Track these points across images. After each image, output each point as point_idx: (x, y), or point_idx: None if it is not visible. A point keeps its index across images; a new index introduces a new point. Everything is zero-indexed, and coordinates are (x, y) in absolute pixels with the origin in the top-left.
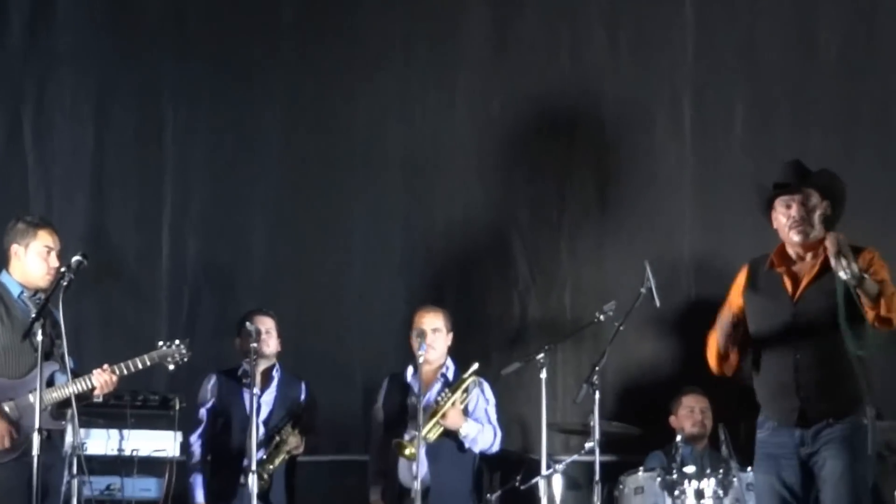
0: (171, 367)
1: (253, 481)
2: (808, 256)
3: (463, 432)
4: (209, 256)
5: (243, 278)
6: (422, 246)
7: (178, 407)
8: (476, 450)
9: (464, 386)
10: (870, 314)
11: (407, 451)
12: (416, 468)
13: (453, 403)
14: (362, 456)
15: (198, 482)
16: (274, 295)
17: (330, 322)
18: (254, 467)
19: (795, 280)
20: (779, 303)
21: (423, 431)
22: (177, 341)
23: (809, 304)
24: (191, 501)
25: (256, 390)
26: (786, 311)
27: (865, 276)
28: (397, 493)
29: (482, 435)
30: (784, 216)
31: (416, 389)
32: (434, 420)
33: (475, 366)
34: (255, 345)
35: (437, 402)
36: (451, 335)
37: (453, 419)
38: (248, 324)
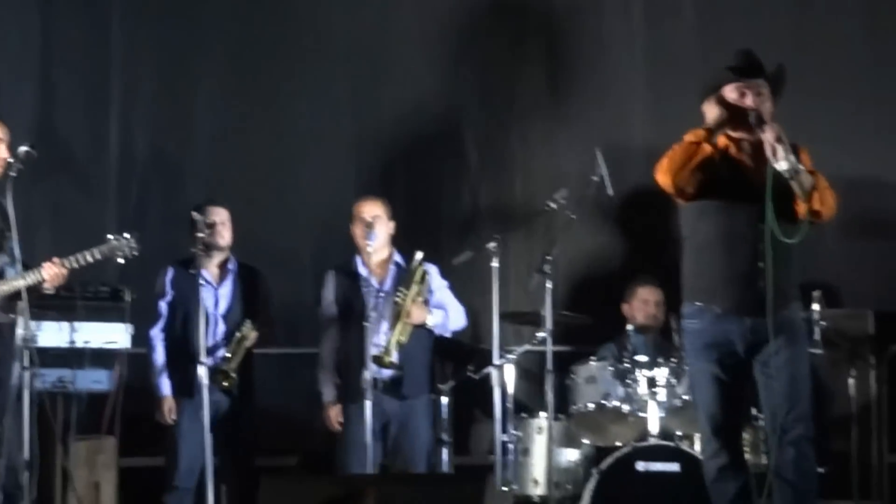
0: (121, 260)
1: (204, 373)
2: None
3: (430, 324)
4: (158, 148)
5: (192, 169)
6: (371, 136)
7: (128, 299)
8: (449, 333)
9: (416, 278)
10: (802, 207)
11: (387, 360)
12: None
13: (413, 300)
14: (312, 349)
15: (163, 376)
16: (222, 185)
17: (278, 212)
18: (203, 357)
19: (753, 167)
20: (741, 182)
21: (394, 337)
22: (126, 235)
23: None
24: (157, 394)
25: (210, 279)
26: (747, 193)
27: (801, 167)
28: (357, 384)
29: (450, 319)
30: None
31: (370, 280)
32: (401, 323)
33: (419, 255)
34: (201, 234)
35: (396, 303)
36: (392, 223)
37: (418, 315)
38: (195, 214)
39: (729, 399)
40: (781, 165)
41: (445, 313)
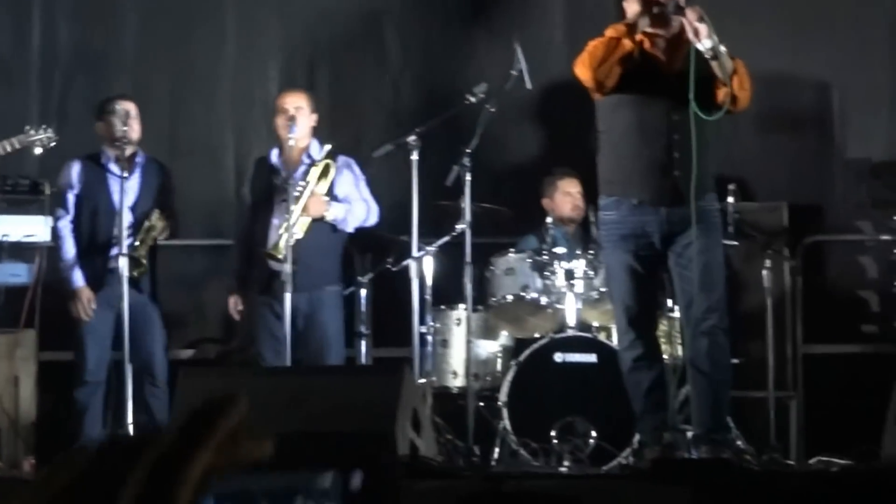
0: (39, 150)
1: (124, 264)
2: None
3: (329, 217)
4: (81, 40)
5: (115, 62)
6: (295, 31)
7: (48, 192)
8: (349, 228)
9: (319, 171)
10: (721, 91)
11: (276, 254)
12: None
13: (312, 193)
14: (232, 241)
15: (74, 266)
16: (146, 78)
17: (203, 105)
18: (125, 250)
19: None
20: (656, 76)
21: (285, 231)
22: (44, 126)
23: (681, 83)
24: (68, 287)
25: (118, 172)
26: (662, 86)
27: (723, 49)
28: (266, 277)
29: (352, 214)
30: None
31: (281, 170)
32: (296, 214)
33: (327, 147)
34: (125, 128)
35: (295, 196)
36: (314, 116)
37: (315, 208)
38: (117, 106)
39: (644, 290)
40: (705, 44)
41: (348, 208)
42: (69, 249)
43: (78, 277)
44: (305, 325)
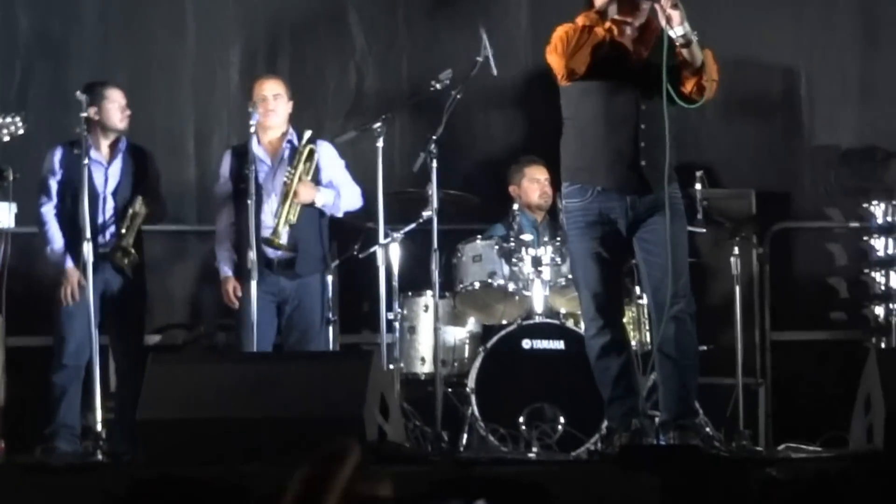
0: (6, 139)
1: (88, 251)
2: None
3: (319, 203)
4: (40, 27)
5: (76, 49)
6: (257, 16)
7: (11, 178)
8: (340, 213)
9: (304, 157)
10: (689, 82)
11: (276, 241)
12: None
13: (300, 178)
14: (196, 226)
15: (63, 251)
16: (107, 65)
17: (163, 91)
18: (88, 235)
19: (635, 50)
20: (624, 64)
21: (282, 217)
22: (12, 114)
23: (647, 73)
24: (59, 267)
25: (100, 159)
26: (629, 75)
27: (695, 37)
28: (256, 262)
29: (341, 199)
30: None
31: (263, 159)
32: (288, 202)
33: (308, 133)
34: (124, 115)
35: (284, 183)
36: (291, 103)
37: (305, 194)
38: (112, 92)
39: (610, 277)
40: (677, 31)
41: (336, 193)
42: (55, 234)
43: (68, 260)
44: (292, 311)
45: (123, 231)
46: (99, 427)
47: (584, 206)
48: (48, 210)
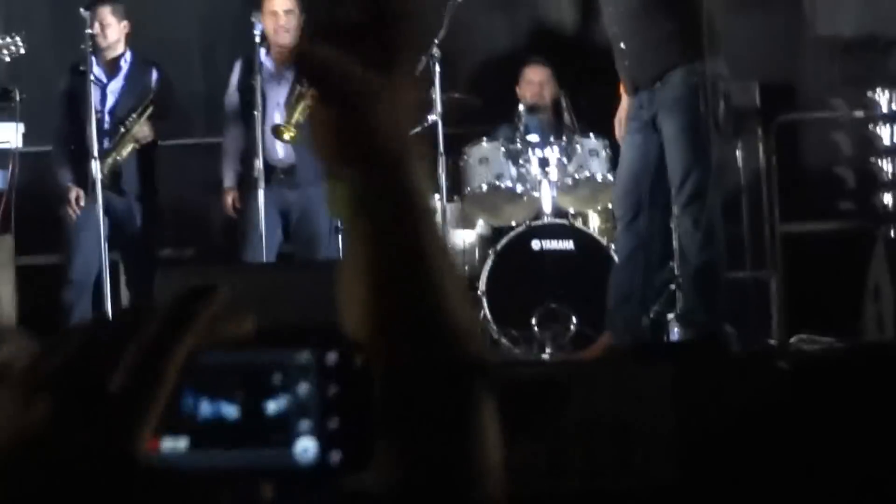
0: (7, 58)
1: (96, 168)
2: None
3: None
4: None
5: None
6: None
7: (19, 98)
8: None
9: None
10: None
11: (287, 136)
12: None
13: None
14: (206, 139)
15: (62, 167)
16: None
17: (167, 2)
18: (95, 153)
19: None
20: None
21: (295, 115)
22: (12, 34)
23: None
24: (60, 184)
25: (100, 76)
26: None
27: None
28: (263, 171)
29: None
30: None
31: (274, 70)
32: (300, 106)
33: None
34: (89, 31)
35: (299, 83)
36: (302, 17)
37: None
38: (89, 11)
39: (633, 171)
40: None
41: None
42: (57, 153)
43: (65, 176)
44: (297, 221)
45: (112, 147)
46: None
47: (627, 103)
48: (56, 130)
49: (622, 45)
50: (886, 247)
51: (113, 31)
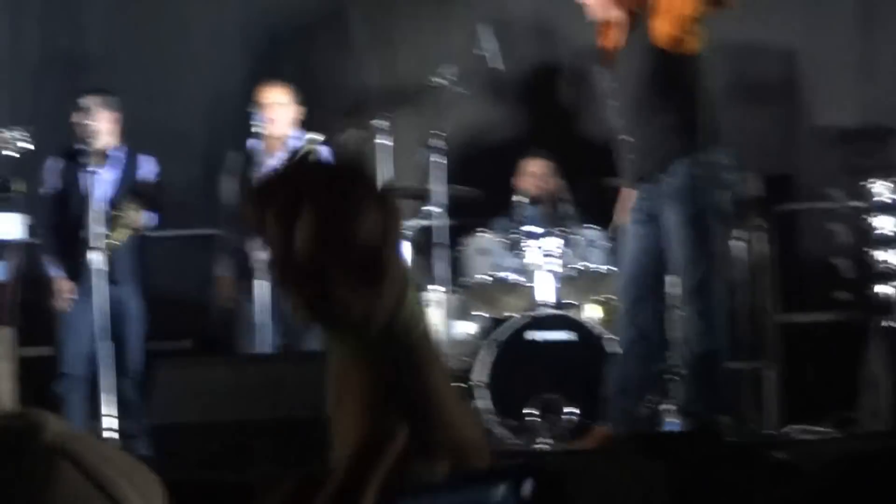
0: (14, 154)
1: (94, 258)
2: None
3: None
4: (48, 38)
5: (84, 58)
6: (259, 17)
7: (22, 190)
8: None
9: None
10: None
11: None
12: None
13: None
14: (205, 230)
15: (52, 259)
16: (115, 73)
17: (171, 98)
18: (92, 244)
19: (608, 49)
20: (602, 70)
21: None
22: (18, 128)
23: (620, 66)
24: (48, 277)
25: (93, 166)
26: (607, 80)
27: None
28: (247, 264)
29: None
30: None
31: (266, 160)
32: None
33: (313, 136)
34: (88, 122)
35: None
36: (297, 108)
37: None
38: (80, 101)
39: (636, 263)
40: None
41: None
42: (47, 242)
43: (55, 268)
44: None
45: (105, 236)
46: (104, 436)
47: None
48: (44, 219)
49: (626, 138)
50: (883, 337)
51: (102, 121)
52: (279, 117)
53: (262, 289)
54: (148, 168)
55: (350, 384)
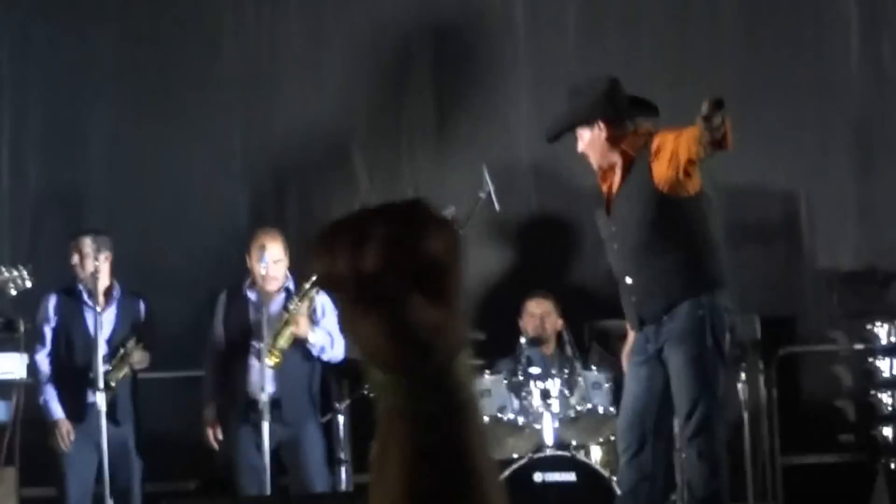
0: (13, 292)
1: (101, 400)
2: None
3: (311, 340)
4: (50, 177)
5: (85, 198)
6: (262, 159)
7: (23, 329)
8: (325, 357)
9: (307, 293)
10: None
11: (271, 361)
12: (264, 379)
13: (302, 313)
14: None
15: (52, 399)
16: (116, 212)
17: (173, 238)
18: (101, 384)
19: (608, 194)
20: (602, 214)
21: (280, 340)
22: (19, 266)
23: (620, 209)
24: (48, 418)
25: (94, 305)
26: (607, 223)
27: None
28: (242, 405)
29: (334, 344)
30: None
31: (259, 304)
32: (287, 328)
33: (313, 278)
34: (97, 263)
35: (287, 309)
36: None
37: (303, 326)
38: (73, 242)
39: (636, 401)
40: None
41: (331, 338)
42: (46, 382)
43: (56, 410)
44: (290, 455)
45: (110, 368)
46: None
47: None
48: (41, 358)
49: (627, 281)
50: (887, 479)
51: (91, 261)
52: (276, 273)
53: (250, 433)
54: (141, 306)
55: (396, 436)
